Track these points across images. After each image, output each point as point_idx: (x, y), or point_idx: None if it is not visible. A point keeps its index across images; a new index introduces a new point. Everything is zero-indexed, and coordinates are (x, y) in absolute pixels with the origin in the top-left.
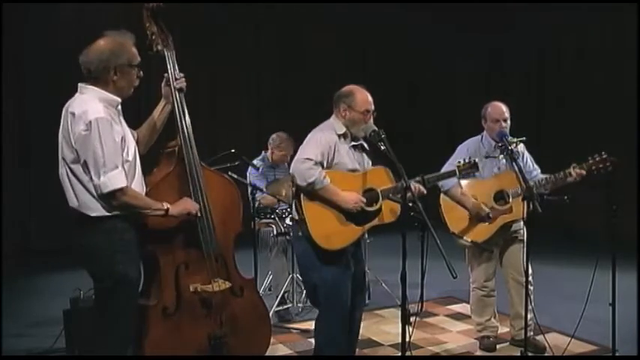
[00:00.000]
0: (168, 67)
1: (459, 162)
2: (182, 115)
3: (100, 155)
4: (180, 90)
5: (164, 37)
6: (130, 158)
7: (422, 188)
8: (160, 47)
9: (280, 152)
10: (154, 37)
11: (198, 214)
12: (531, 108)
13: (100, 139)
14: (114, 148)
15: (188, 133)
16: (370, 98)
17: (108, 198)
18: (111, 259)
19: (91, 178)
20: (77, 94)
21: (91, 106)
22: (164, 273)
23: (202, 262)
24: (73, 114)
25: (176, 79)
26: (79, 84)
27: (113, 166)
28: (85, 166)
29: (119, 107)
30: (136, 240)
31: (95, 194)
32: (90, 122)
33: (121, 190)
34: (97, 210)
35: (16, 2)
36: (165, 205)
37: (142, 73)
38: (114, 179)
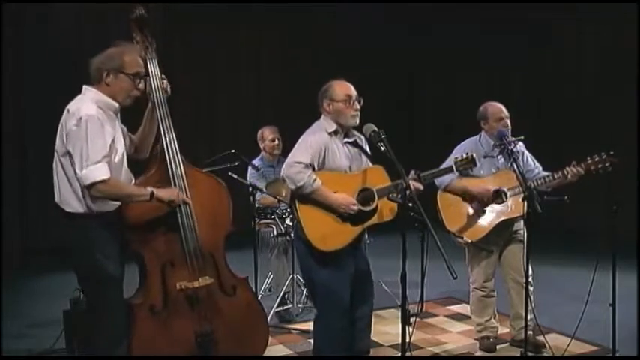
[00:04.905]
0: (151, 72)
1: (457, 157)
2: (164, 118)
3: (85, 149)
4: (164, 91)
5: (147, 45)
6: (117, 161)
7: (418, 185)
8: (143, 54)
9: (265, 142)
10: (137, 45)
11: (187, 202)
12: (530, 108)
13: (87, 134)
14: (100, 145)
15: (169, 135)
16: (349, 85)
17: (90, 190)
18: (90, 258)
19: (75, 172)
20: (80, 95)
21: (84, 105)
22: (150, 271)
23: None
24: (68, 110)
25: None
26: (84, 86)
27: (96, 160)
28: (72, 159)
29: (118, 113)
30: (113, 237)
31: (76, 190)
32: (81, 118)
33: (102, 182)
34: (72, 207)
35: (16, 2)
36: (149, 189)
37: (141, 86)
38: (96, 171)
